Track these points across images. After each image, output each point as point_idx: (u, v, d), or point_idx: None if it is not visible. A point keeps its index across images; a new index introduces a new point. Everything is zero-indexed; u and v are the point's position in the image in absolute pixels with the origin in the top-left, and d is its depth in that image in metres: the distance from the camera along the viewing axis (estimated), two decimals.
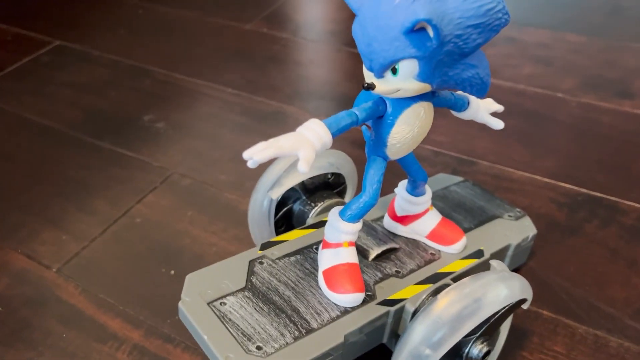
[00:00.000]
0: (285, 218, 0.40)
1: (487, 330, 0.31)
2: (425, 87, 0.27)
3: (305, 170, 0.25)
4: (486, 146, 0.55)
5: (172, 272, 0.44)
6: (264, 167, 0.39)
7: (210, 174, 0.53)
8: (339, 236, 0.32)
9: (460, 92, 0.32)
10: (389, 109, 0.28)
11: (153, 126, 0.61)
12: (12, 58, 0.74)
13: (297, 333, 0.29)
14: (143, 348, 0.38)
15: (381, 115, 0.29)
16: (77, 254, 0.46)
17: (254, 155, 0.25)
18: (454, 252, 0.36)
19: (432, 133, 0.56)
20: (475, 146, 0.55)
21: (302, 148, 0.26)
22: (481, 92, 0.28)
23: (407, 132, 0.29)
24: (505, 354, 0.35)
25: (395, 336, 0.33)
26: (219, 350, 0.28)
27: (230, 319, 0.30)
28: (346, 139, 0.46)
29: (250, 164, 0.25)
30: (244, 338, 0.29)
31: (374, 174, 0.30)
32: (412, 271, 0.34)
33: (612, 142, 0.55)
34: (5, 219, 0.50)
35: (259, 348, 0.28)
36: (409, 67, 0.25)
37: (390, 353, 0.30)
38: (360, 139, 0.31)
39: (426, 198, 0.35)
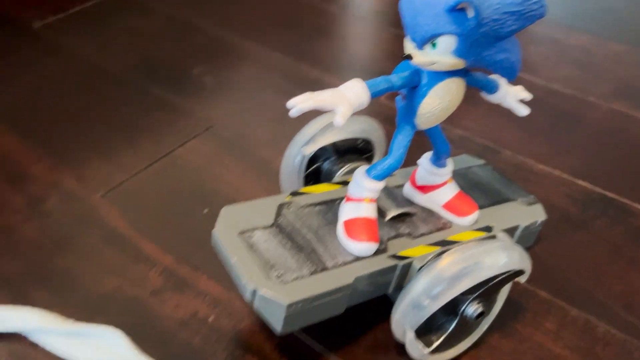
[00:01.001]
0: (314, 174, 0.43)
1: (484, 293, 0.34)
2: (460, 63, 0.29)
3: (340, 124, 0.29)
4: (512, 137, 0.57)
5: (205, 210, 0.48)
6: (298, 127, 0.43)
7: (249, 130, 0.57)
8: (361, 192, 0.35)
9: (492, 76, 0.35)
10: (424, 80, 0.31)
11: (201, 79, 0.64)
12: (77, 0, 0.78)
13: (313, 269, 0.33)
14: (172, 272, 0.43)
15: (416, 86, 0.32)
16: (121, 183, 0.50)
17: (297, 104, 0.28)
18: (465, 224, 0.39)
19: (462, 118, 0.59)
20: (501, 136, 0.57)
21: (341, 104, 0.29)
22: (511, 76, 0.31)
23: (437, 104, 0.32)
24: (499, 323, 0.38)
25: (400, 289, 0.36)
26: (245, 274, 0.32)
27: (256, 249, 0.34)
28: (380, 114, 0.49)
29: (293, 112, 0.29)
30: (267, 266, 0.33)
31: (402, 140, 0.33)
32: (423, 235, 0.37)
33: (635, 149, 0.57)
34: (60, 144, 0.54)
35: (278, 276, 0.32)
36: (447, 43, 0.28)
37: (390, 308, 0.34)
38: (392, 116, 0.34)
39: (447, 170, 0.38)
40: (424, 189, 0.39)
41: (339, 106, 0.29)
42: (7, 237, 0.45)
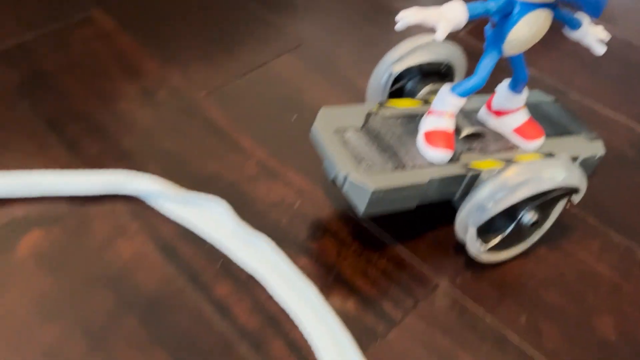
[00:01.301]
0: (398, 92, 0.48)
1: (541, 204, 0.39)
2: None
3: (441, 39, 0.33)
4: (582, 82, 0.60)
5: (294, 117, 0.54)
6: (382, 51, 0.47)
7: (336, 50, 0.62)
8: (444, 106, 0.40)
9: (576, 14, 0.38)
10: (516, 9, 0.35)
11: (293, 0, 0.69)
12: None
13: (395, 166, 0.39)
14: (265, 163, 0.49)
15: (508, 14, 0.36)
16: (222, 86, 0.57)
17: (405, 17, 0.33)
18: (530, 148, 0.43)
19: (537, 59, 0.62)
20: (572, 80, 0.60)
21: (442, 21, 0.34)
22: (595, 13, 0.35)
23: (525, 32, 0.36)
24: (548, 238, 0.43)
25: (464, 197, 0.42)
26: (339, 163, 0.38)
27: (348, 145, 0.40)
28: (464, 49, 0.53)
29: (399, 25, 0.34)
30: (357, 159, 0.39)
31: (488, 63, 0.38)
32: (493, 152, 0.42)
33: None
34: (169, 45, 0.61)
35: (366, 168, 0.38)
36: None
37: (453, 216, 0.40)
38: (469, 52, 0.39)
39: (522, 98, 0.42)
40: (498, 113, 0.44)
41: (440, 23, 0.34)
42: (126, 120, 0.53)
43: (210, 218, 0.44)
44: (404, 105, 0.45)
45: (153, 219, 0.45)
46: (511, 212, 0.39)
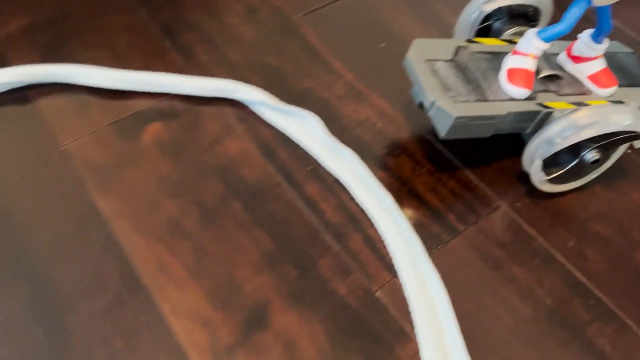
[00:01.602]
0: (484, 30, 0.52)
1: (604, 145, 0.43)
2: None
3: None
4: None
5: (382, 45, 0.58)
6: None
7: None
8: (528, 48, 0.44)
9: None
10: None
11: None
12: None
13: (477, 98, 0.44)
14: (353, 85, 0.55)
15: None
16: (318, 9, 0.61)
17: None
18: (602, 95, 0.47)
19: (623, 11, 0.63)
20: None
21: None
22: None
23: None
24: (604, 178, 0.48)
25: (535, 133, 0.46)
26: (428, 89, 0.43)
27: (437, 74, 0.45)
28: None
29: None
30: (444, 88, 0.44)
31: (575, 11, 0.41)
32: (566, 95, 0.46)
33: None
34: None
35: (452, 97, 0.43)
36: None
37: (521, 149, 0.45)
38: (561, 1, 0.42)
39: (602, 47, 0.46)
40: (576, 59, 0.47)
41: None
42: (232, 34, 0.59)
43: (304, 128, 0.51)
44: (490, 43, 0.49)
45: (256, 123, 0.51)
46: (575, 150, 0.44)
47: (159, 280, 0.42)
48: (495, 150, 0.50)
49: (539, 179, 0.45)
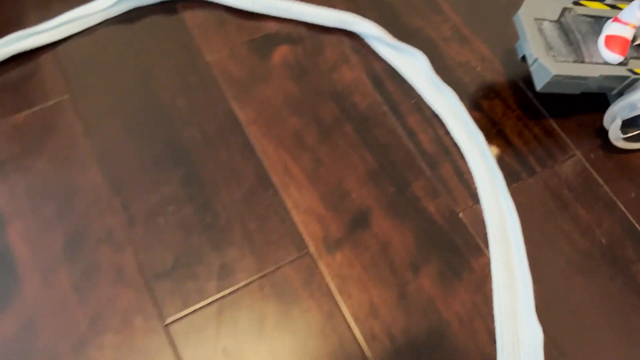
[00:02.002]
0: None
1: None
2: None
3: None
4: None
5: None
6: None
7: None
8: (630, 19, 0.49)
9: None
10: None
11: None
12: None
13: (575, 59, 0.49)
14: (459, 29, 0.61)
15: None
16: None
17: None
18: None
19: None
20: None
21: None
22: None
23: None
24: None
25: (619, 95, 0.52)
26: (533, 46, 0.49)
27: (543, 33, 0.50)
28: None
29: None
30: (548, 47, 0.49)
31: None
32: None
33: None
34: None
35: (553, 55, 0.49)
36: None
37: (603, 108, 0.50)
38: None
39: None
40: None
41: None
42: None
43: (411, 64, 0.58)
44: (594, 6, 0.53)
45: (369, 55, 0.59)
46: None
47: (284, 180, 0.52)
48: (580, 105, 0.56)
49: (616, 136, 0.52)
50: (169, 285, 0.47)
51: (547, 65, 0.48)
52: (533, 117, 0.56)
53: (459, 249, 0.49)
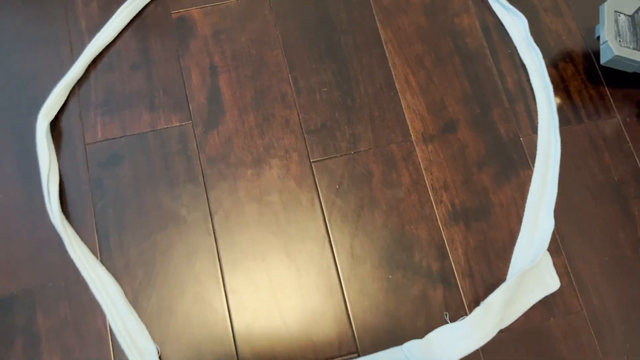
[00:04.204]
0: None
1: None
2: None
3: None
4: None
5: None
6: None
7: None
8: None
9: None
10: None
11: None
12: None
13: (635, 47, 0.68)
14: (557, 3, 0.79)
15: None
16: None
17: None
18: None
19: None
20: None
21: None
22: None
23: None
24: None
25: None
26: (607, 32, 0.68)
27: (617, 23, 0.68)
28: None
29: None
30: (617, 34, 0.68)
31: None
32: None
33: None
34: None
35: (619, 42, 0.68)
36: None
37: None
38: None
39: None
40: None
41: None
42: None
43: (514, 23, 0.77)
44: None
45: (485, 9, 0.78)
46: None
47: (403, 87, 0.74)
48: (630, 81, 0.75)
49: None
50: (316, 138, 0.71)
51: (613, 47, 0.67)
52: (593, 82, 0.75)
53: (513, 161, 0.71)
